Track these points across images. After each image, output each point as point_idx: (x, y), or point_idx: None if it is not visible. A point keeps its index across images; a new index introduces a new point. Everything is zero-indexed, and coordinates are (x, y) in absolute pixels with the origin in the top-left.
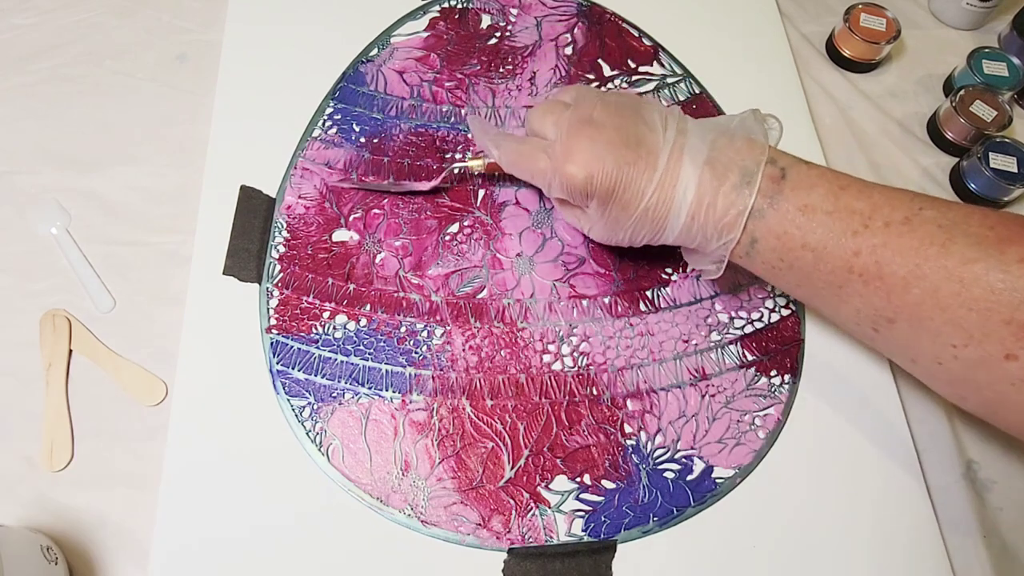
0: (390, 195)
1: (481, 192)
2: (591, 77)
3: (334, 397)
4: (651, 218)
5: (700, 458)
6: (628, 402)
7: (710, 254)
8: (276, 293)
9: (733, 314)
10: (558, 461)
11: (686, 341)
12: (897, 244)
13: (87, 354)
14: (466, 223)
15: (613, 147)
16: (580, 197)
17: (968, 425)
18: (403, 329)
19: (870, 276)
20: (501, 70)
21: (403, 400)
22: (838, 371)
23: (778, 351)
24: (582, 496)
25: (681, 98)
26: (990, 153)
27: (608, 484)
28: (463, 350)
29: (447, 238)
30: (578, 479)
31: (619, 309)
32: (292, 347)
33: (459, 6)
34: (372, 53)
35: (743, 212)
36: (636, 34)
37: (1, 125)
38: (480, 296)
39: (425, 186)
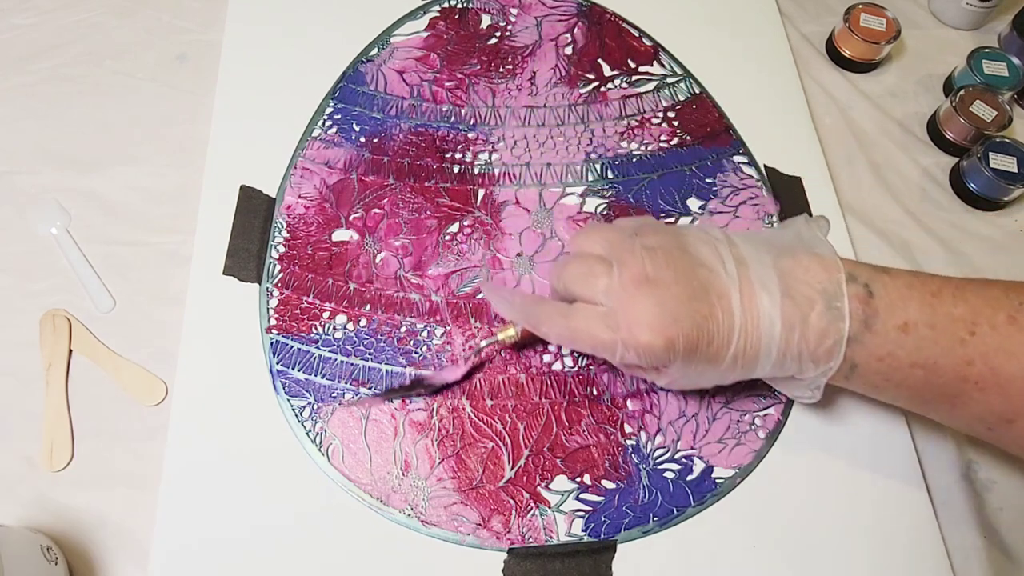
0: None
1: (481, 192)
2: (591, 77)
3: (334, 397)
4: (740, 364)
5: (700, 458)
6: (628, 402)
7: (805, 381)
8: (276, 293)
9: None
10: (558, 461)
11: None
12: (1009, 347)
13: (87, 354)
14: (466, 223)
15: (684, 304)
16: (661, 363)
17: None
18: (403, 329)
19: (986, 383)
20: (501, 70)
21: (403, 400)
22: None
23: None
24: (582, 496)
25: (681, 98)
26: (990, 153)
27: (608, 484)
28: (463, 350)
29: (447, 238)
30: (578, 479)
31: None
32: (292, 347)
33: (459, 6)
34: (372, 53)
35: (839, 341)
36: (636, 34)
37: (1, 125)
38: (480, 296)
39: (458, 373)
